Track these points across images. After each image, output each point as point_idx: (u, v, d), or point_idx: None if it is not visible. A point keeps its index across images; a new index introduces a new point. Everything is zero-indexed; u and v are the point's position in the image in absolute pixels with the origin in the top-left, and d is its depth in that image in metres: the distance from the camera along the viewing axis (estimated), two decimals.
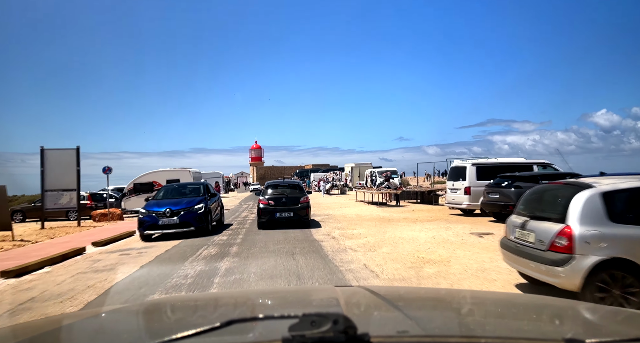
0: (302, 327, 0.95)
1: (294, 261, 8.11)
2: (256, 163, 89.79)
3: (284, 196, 13.53)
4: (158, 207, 11.65)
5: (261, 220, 13.34)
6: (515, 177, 13.28)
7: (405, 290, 3.05)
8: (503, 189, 13.17)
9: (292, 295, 2.21)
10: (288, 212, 13.23)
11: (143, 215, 11.58)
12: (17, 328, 1.88)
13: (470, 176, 15.31)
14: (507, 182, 13.26)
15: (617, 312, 1.88)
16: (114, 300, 6.08)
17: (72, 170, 17.99)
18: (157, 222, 11.39)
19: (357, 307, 1.66)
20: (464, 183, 15.45)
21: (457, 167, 16.38)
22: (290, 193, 13.76)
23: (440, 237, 10.43)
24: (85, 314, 2.30)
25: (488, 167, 15.59)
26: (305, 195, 13.87)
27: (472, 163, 15.72)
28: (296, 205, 13.33)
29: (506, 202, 12.78)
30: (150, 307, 2.04)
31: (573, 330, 1.45)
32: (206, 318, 1.68)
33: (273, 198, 13.46)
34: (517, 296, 3.30)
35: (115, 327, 1.59)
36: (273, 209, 13.22)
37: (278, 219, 13.22)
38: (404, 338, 1.13)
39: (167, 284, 6.72)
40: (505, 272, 6.59)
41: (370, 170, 39.73)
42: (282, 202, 13.33)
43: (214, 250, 9.75)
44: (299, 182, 17.07)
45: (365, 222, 14.52)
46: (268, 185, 14.82)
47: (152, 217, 11.46)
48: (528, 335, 1.29)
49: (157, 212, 11.54)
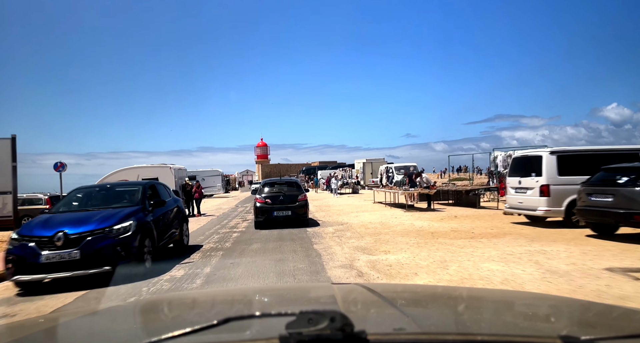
0: (299, 325, 0.93)
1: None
2: (262, 161, 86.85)
3: (282, 194, 13.09)
4: (44, 229, 6.31)
5: (258, 219, 13.01)
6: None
7: (402, 287, 3.13)
8: (621, 188, 8.44)
9: (289, 292, 2.16)
10: (286, 210, 12.81)
11: (13, 246, 6.28)
12: (13, 326, 1.85)
13: (549, 169, 10.58)
14: (628, 177, 8.53)
15: (612, 309, 1.81)
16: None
17: (6, 167, 13.79)
18: (37, 258, 6.09)
19: (354, 304, 1.65)
20: (538, 179, 10.74)
21: (527, 157, 11.64)
22: (288, 191, 13.32)
23: (564, 282, 5.61)
24: (81, 312, 2.20)
25: (575, 156, 10.87)
26: (303, 193, 13.39)
27: (551, 151, 10.97)
28: (294, 204, 12.91)
29: (628, 208, 8.10)
30: (146, 305, 2.03)
31: (569, 326, 1.45)
32: (203, 316, 1.63)
33: (270, 196, 13.04)
34: (513, 293, 2.88)
35: (112, 325, 1.56)
36: (270, 208, 12.83)
37: (275, 218, 12.80)
38: (401, 336, 1.12)
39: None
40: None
41: (385, 166, 35.00)
42: (280, 200, 12.92)
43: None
44: (297, 179, 16.36)
45: (399, 238, 9.88)
46: (265, 183, 14.24)
47: (29, 248, 6.17)
48: (524, 332, 1.27)
49: (40, 238, 6.24)
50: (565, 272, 6.02)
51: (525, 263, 6.70)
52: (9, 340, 1.31)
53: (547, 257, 7.11)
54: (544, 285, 5.41)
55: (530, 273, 6.02)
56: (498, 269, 6.36)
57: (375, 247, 8.90)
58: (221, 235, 12.06)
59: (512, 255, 7.38)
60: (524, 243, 8.43)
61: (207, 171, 41.31)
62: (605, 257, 6.98)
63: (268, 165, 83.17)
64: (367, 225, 12.59)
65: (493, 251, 7.79)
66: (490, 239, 9.17)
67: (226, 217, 18.02)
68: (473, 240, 9.11)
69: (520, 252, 7.57)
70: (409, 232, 10.88)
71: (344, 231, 11.60)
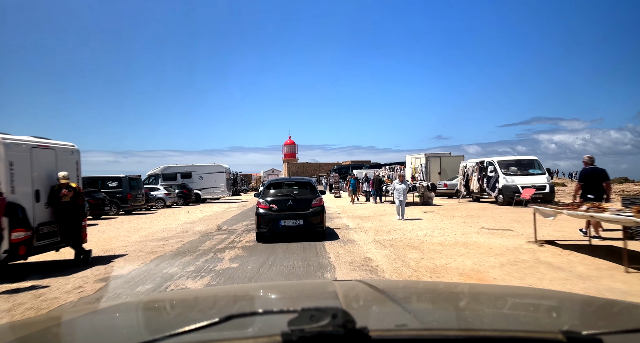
0: (301, 322, 0.93)
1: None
2: (289, 159, 76.70)
3: (291, 198, 10.56)
4: None
5: (261, 230, 10.45)
6: None
7: (403, 283, 3.13)
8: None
9: (291, 289, 2.15)
10: (296, 219, 10.29)
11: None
12: (16, 324, 1.81)
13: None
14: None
15: (613, 304, 1.80)
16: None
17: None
18: None
19: (355, 301, 1.63)
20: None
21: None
22: (299, 194, 10.84)
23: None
24: (84, 310, 2.06)
25: None
26: (318, 197, 10.81)
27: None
28: (307, 210, 10.39)
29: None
30: (149, 302, 1.99)
31: (570, 322, 1.45)
32: (205, 313, 1.64)
33: (276, 200, 10.51)
34: (515, 289, 2.96)
35: (115, 322, 1.55)
36: (276, 216, 10.31)
37: (283, 229, 10.29)
38: (403, 332, 1.11)
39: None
40: None
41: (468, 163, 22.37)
42: (289, 205, 10.39)
43: None
44: (310, 179, 12.72)
45: None
46: (270, 183, 11.53)
47: None
48: (525, 327, 1.27)
49: None
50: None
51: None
52: (12, 338, 1.32)
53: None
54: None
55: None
56: None
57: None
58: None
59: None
60: None
61: (206, 166, 31.80)
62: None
63: (295, 164, 73.86)
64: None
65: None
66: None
67: (198, 243, 10.19)
68: None
69: None
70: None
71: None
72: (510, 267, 7.02)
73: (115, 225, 16.53)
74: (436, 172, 27.09)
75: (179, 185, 29.03)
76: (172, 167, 31.49)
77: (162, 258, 8.95)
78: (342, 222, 15.13)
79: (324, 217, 10.83)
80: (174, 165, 31.71)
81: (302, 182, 11.68)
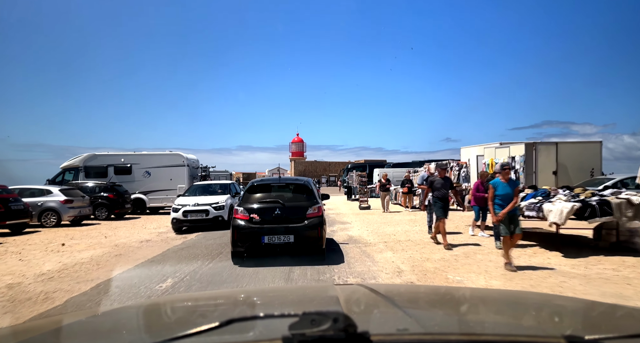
0: (302, 326, 0.93)
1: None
2: (297, 158, 74.31)
3: (279, 206, 7.97)
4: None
5: (237, 249, 7.93)
6: None
7: (405, 288, 3.19)
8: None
9: (292, 293, 2.15)
10: (285, 234, 7.72)
11: None
12: (18, 328, 1.87)
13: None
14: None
15: (616, 308, 1.81)
16: None
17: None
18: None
19: (357, 305, 1.62)
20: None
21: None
22: (290, 200, 8.22)
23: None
24: (85, 314, 2.10)
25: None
26: (316, 204, 8.12)
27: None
28: (300, 223, 7.83)
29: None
30: (150, 306, 2.00)
31: (573, 326, 1.43)
32: (206, 317, 1.63)
33: (259, 209, 7.98)
34: (517, 293, 2.86)
35: (115, 326, 1.55)
36: (258, 229, 7.76)
37: (267, 247, 7.78)
38: (404, 336, 1.11)
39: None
40: None
41: None
42: (275, 216, 7.86)
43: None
44: (308, 180, 9.26)
45: None
46: (252, 185, 8.70)
47: None
48: (528, 332, 1.26)
49: None
50: None
51: None
52: (14, 342, 1.32)
53: None
54: None
55: None
56: None
57: None
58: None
59: None
60: None
61: (156, 156, 21.13)
62: None
63: (302, 163, 71.13)
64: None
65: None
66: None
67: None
68: None
69: None
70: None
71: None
72: None
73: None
74: (549, 170, 15.60)
75: (103, 187, 18.33)
76: (101, 157, 20.72)
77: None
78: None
79: (324, 232, 8.24)
80: (104, 154, 20.98)
81: (296, 184, 8.88)
